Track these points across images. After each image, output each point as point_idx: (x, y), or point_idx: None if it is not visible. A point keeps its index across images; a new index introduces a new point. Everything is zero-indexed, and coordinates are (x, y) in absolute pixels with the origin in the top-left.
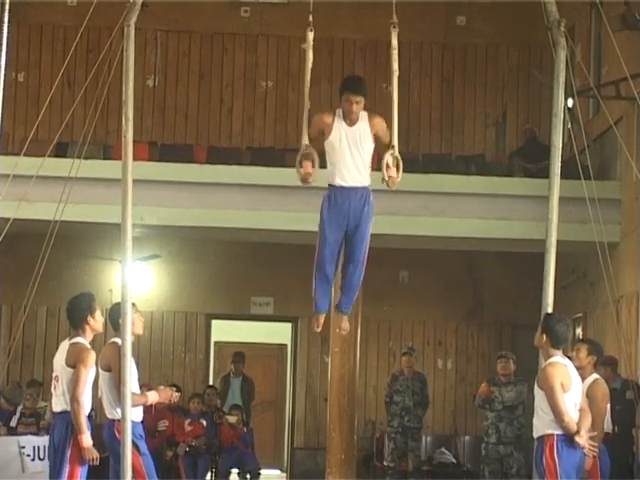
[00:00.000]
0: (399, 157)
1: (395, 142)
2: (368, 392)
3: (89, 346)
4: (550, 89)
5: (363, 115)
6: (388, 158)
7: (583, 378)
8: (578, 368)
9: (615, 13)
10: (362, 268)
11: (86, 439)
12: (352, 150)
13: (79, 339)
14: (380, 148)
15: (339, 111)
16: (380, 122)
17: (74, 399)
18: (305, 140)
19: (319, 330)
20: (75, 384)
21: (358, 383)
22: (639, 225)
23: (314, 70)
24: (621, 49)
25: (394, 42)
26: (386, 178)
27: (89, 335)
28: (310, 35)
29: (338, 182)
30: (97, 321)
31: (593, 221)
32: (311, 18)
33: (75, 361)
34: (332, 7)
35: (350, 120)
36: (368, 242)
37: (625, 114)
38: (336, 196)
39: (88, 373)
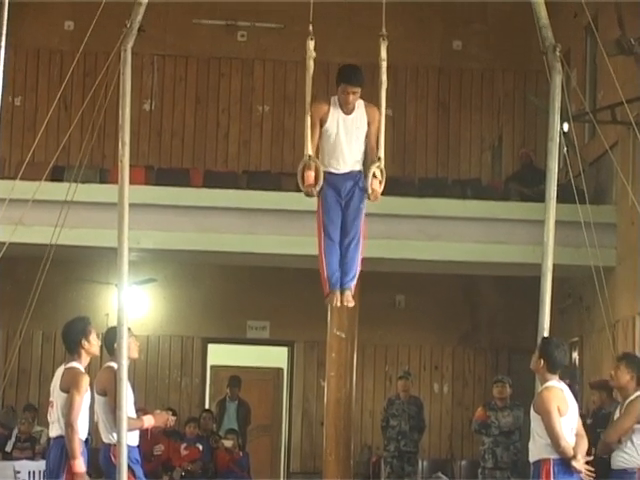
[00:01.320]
0: (384, 170)
1: (382, 154)
2: (364, 416)
3: (83, 371)
4: (546, 113)
5: (360, 104)
6: (375, 170)
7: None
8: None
9: (610, 38)
10: (358, 242)
11: (79, 464)
12: (348, 138)
13: (74, 364)
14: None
15: (334, 99)
16: (376, 113)
17: (68, 424)
18: (308, 150)
19: (340, 304)
20: (69, 409)
21: (354, 407)
22: (636, 250)
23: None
24: (616, 74)
25: (383, 54)
26: (369, 191)
27: (85, 359)
28: (311, 44)
29: (331, 169)
30: (92, 345)
31: (589, 245)
32: (311, 28)
33: (69, 386)
34: (328, 31)
35: (347, 109)
36: (362, 217)
37: (621, 139)
38: (331, 179)
39: (82, 398)
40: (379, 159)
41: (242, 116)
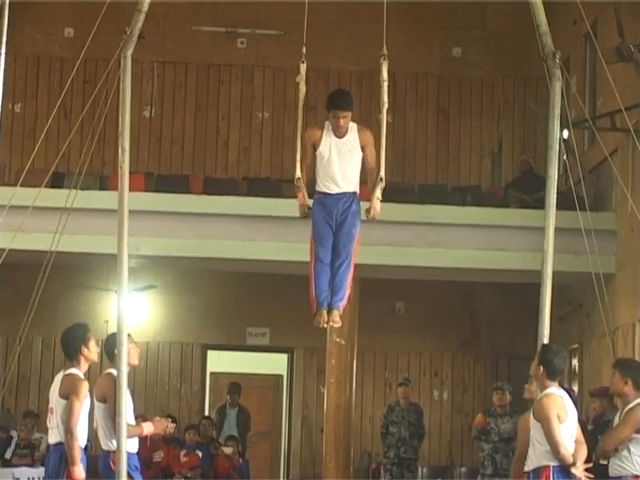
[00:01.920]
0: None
1: (383, 174)
2: (364, 423)
3: (83, 377)
4: (545, 120)
5: (352, 127)
6: (378, 192)
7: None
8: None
9: (610, 45)
10: (349, 265)
11: (78, 471)
12: (341, 160)
13: (73, 370)
14: (363, 171)
15: (327, 123)
16: (369, 136)
17: (68, 431)
18: (297, 173)
19: (326, 325)
20: (68, 416)
21: (354, 414)
22: (636, 256)
23: (310, 100)
24: (616, 81)
25: (384, 74)
26: (371, 211)
27: (84, 366)
28: (303, 67)
29: (323, 190)
30: (92, 351)
31: (589, 252)
32: (304, 50)
33: (68, 393)
34: (328, 38)
35: (339, 132)
36: (354, 240)
37: (620, 146)
38: (323, 200)
39: (81, 404)
40: (381, 180)
41: (242, 123)
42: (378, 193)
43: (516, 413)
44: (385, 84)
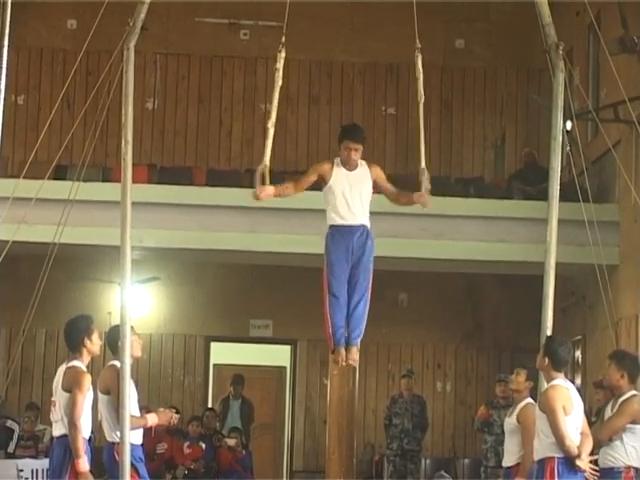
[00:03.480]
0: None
1: (424, 164)
2: (367, 415)
3: (85, 369)
4: (549, 112)
5: (362, 163)
6: (427, 183)
7: (518, 402)
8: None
9: (613, 36)
10: (366, 300)
11: (82, 463)
12: (352, 192)
13: (75, 362)
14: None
15: (337, 160)
16: (379, 171)
17: (71, 423)
18: (266, 160)
19: (345, 364)
20: (72, 408)
21: (357, 406)
22: (639, 248)
23: (313, 92)
24: (619, 72)
25: (419, 66)
26: (428, 204)
27: (86, 358)
28: (281, 55)
29: (338, 222)
30: (94, 343)
31: (592, 244)
32: (283, 39)
33: (71, 385)
34: (331, 30)
35: (350, 166)
36: (371, 274)
37: (623, 137)
38: (338, 232)
39: (84, 397)
40: (423, 170)
41: (245, 114)
42: (427, 184)
43: None
44: (421, 76)
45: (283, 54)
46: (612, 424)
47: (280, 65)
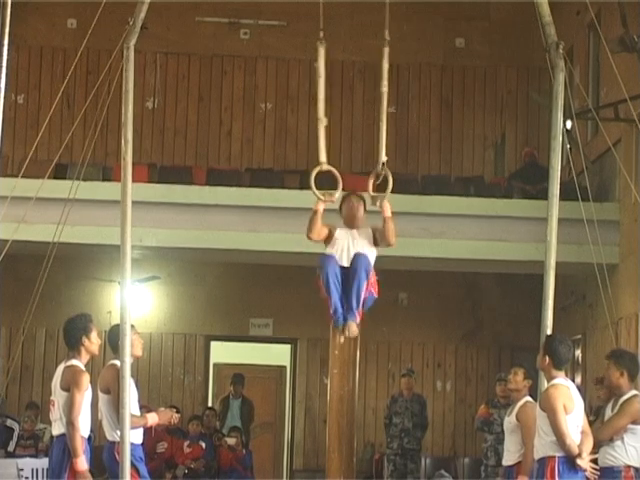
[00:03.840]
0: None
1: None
2: (367, 414)
3: (83, 368)
4: (549, 111)
5: (365, 224)
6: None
7: (517, 401)
8: (514, 391)
9: (613, 35)
10: (362, 279)
11: (81, 463)
12: (354, 243)
13: (74, 361)
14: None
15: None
16: (379, 226)
17: (70, 423)
18: (323, 164)
19: (356, 335)
20: (70, 408)
21: (357, 405)
22: (638, 247)
23: (312, 91)
24: (619, 71)
25: (385, 58)
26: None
27: (85, 357)
28: (322, 50)
29: (338, 260)
30: (93, 342)
31: (592, 243)
32: (322, 34)
33: (69, 385)
34: (331, 29)
35: (352, 225)
36: (369, 263)
37: (624, 136)
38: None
39: (83, 396)
40: (383, 164)
41: (245, 114)
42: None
43: None
44: (386, 66)
45: (322, 50)
46: (613, 424)
47: (321, 62)
